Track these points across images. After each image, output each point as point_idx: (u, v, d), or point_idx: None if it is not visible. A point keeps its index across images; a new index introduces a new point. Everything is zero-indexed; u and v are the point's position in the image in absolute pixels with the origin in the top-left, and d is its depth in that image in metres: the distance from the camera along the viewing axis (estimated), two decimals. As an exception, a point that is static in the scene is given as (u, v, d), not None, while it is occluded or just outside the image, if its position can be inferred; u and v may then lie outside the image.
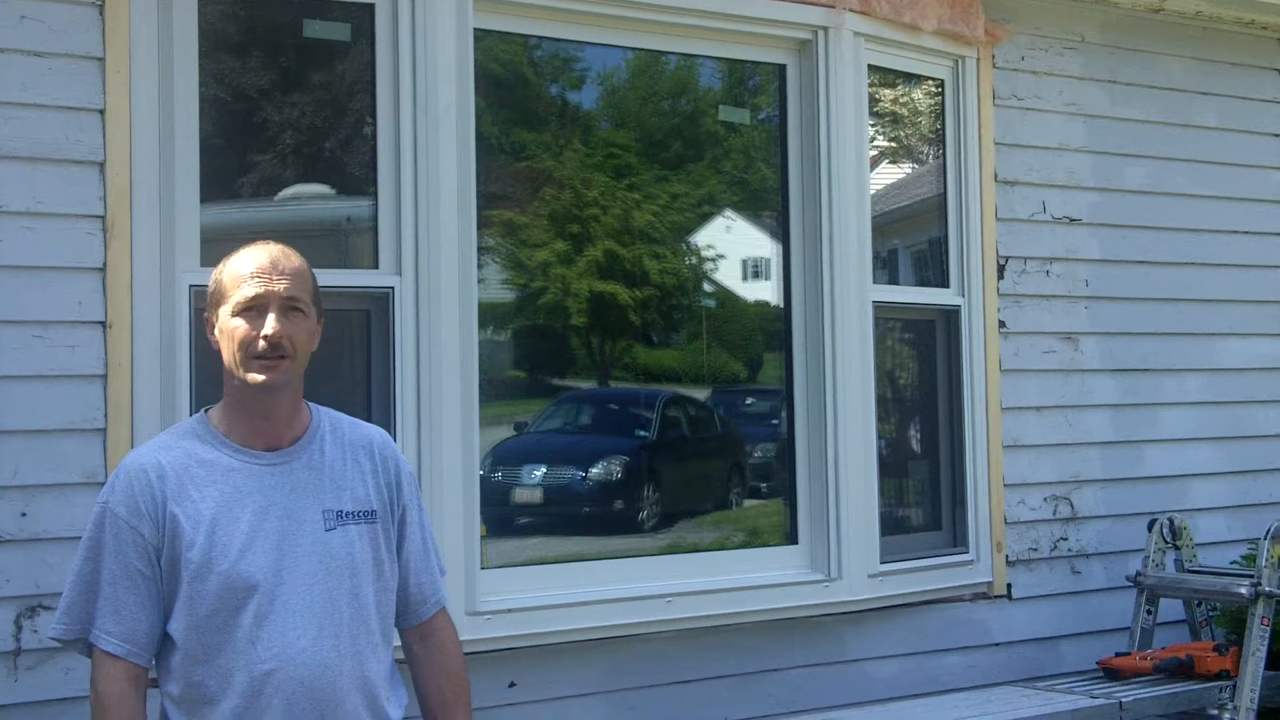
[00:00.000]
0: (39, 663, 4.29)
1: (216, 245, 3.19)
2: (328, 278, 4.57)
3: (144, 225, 4.46)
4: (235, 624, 2.97)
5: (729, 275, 6.45)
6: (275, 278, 3.04)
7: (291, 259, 3.09)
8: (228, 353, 3.06)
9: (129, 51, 4.48)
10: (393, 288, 4.81)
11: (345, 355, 4.91)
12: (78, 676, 4.24)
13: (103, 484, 4.21)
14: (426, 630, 3.31)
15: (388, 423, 4.71)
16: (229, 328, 3.05)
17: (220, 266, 3.12)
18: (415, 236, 4.82)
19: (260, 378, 3.03)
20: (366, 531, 3.13)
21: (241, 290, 3.03)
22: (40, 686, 4.28)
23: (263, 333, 3.01)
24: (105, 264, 4.41)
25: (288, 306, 3.04)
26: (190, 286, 4.42)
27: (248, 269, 3.05)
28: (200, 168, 4.57)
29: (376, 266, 4.85)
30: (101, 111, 4.44)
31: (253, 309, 3.03)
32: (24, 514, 4.29)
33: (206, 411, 3.16)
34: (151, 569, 3.00)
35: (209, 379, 3.13)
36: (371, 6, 4.88)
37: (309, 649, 2.99)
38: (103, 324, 4.40)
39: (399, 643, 3.29)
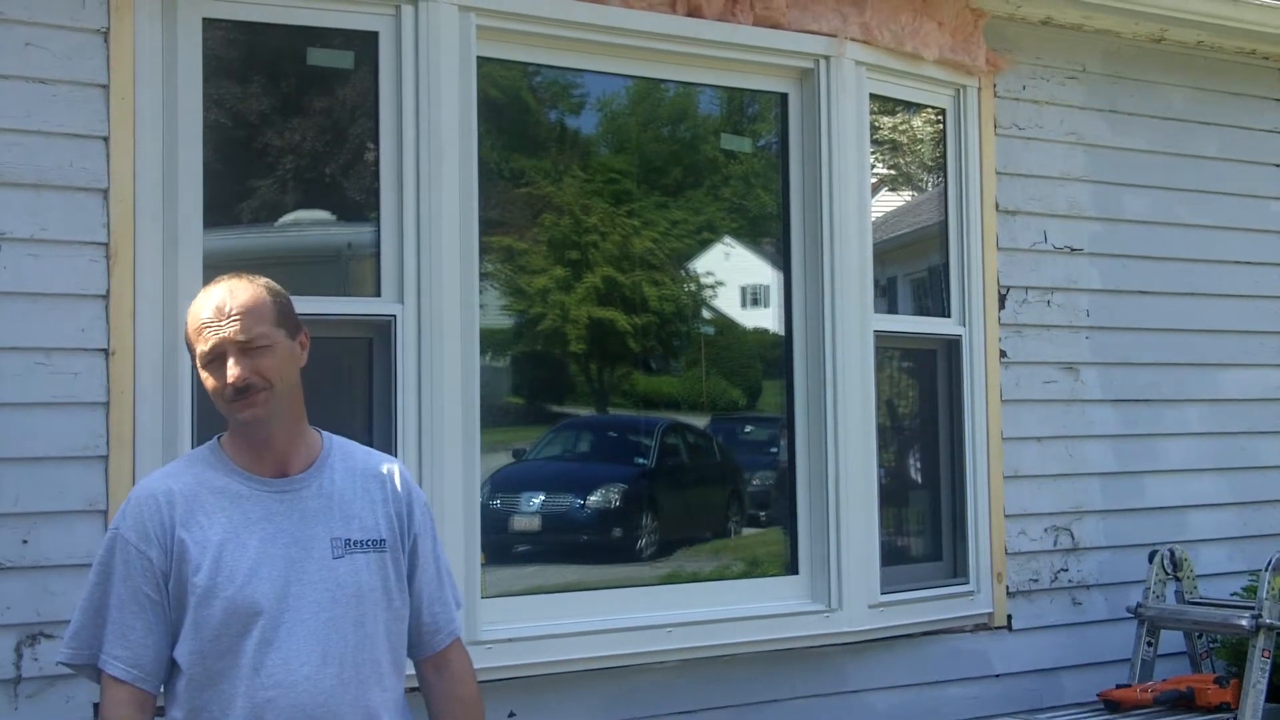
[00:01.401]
0: (39, 690, 4.26)
1: (219, 272, 3.19)
2: (329, 305, 4.64)
3: (147, 252, 4.46)
4: (239, 650, 2.97)
5: (728, 302, 6.44)
6: (224, 324, 3.03)
7: (239, 295, 3.07)
8: (211, 399, 3.09)
9: (133, 78, 4.49)
10: (395, 316, 4.80)
11: (347, 383, 4.90)
12: (78, 704, 4.24)
13: (105, 512, 4.28)
14: (441, 660, 3.30)
15: (389, 451, 4.68)
16: (202, 377, 3.08)
17: (188, 312, 3.14)
18: (418, 265, 4.82)
19: (243, 416, 3.05)
20: (375, 560, 3.13)
21: (199, 344, 3.05)
22: (41, 714, 4.26)
23: (227, 381, 3.02)
24: (108, 291, 4.40)
25: (245, 347, 3.03)
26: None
27: (199, 320, 3.06)
28: (203, 195, 4.57)
29: (379, 294, 4.84)
30: (105, 138, 4.44)
31: (213, 360, 3.04)
32: (25, 541, 4.27)
33: (219, 439, 3.17)
34: (159, 595, 3.01)
35: (211, 406, 3.13)
36: (375, 35, 4.89)
37: (311, 677, 2.99)
38: (105, 351, 4.39)
39: (411, 672, 3.28)
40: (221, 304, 3.05)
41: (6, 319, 4.29)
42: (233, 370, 3.01)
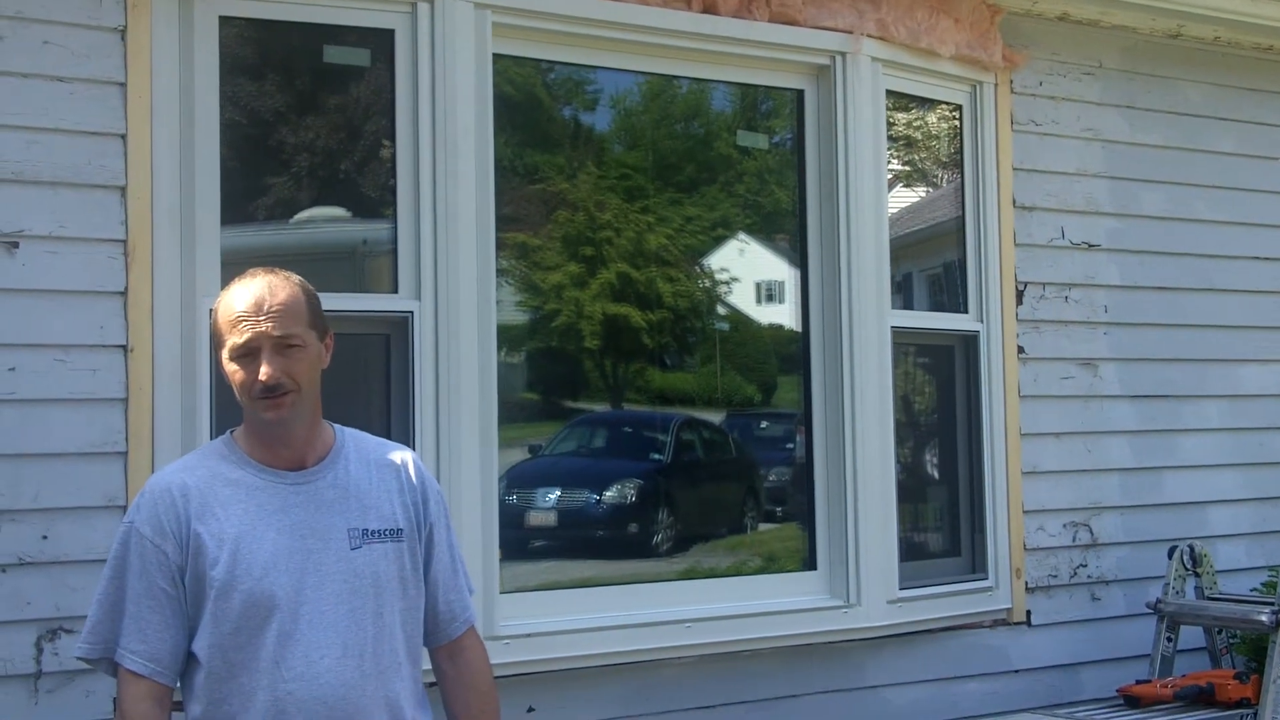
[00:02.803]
0: (59, 685, 4.27)
1: (237, 268, 3.19)
2: (347, 302, 4.63)
3: (165, 249, 4.47)
4: (259, 643, 2.97)
5: (743, 298, 6.43)
6: (263, 319, 3.01)
7: (279, 293, 3.05)
8: (235, 391, 3.07)
9: (150, 76, 4.49)
10: (412, 312, 4.81)
11: (364, 380, 4.90)
12: (98, 699, 4.25)
13: (123, 507, 4.27)
14: (455, 649, 3.30)
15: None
16: (229, 371, 3.06)
17: (216, 303, 3.12)
18: (435, 261, 4.82)
19: (268, 416, 3.04)
20: (392, 550, 3.13)
21: (232, 336, 3.03)
22: (61, 710, 4.27)
23: (258, 378, 3.00)
24: (126, 288, 4.41)
25: (281, 345, 3.02)
26: (211, 310, 4.39)
27: (235, 312, 3.03)
28: (220, 191, 4.58)
29: (395, 290, 4.85)
30: (123, 136, 4.44)
31: (246, 354, 3.02)
32: (45, 537, 4.29)
33: (232, 432, 3.17)
34: (176, 588, 3.00)
35: (229, 402, 3.14)
36: (391, 32, 4.89)
37: (332, 669, 2.99)
38: (124, 348, 4.40)
39: (428, 664, 3.28)
40: (261, 299, 3.03)
41: (26, 316, 4.30)
42: (265, 368, 3.00)
